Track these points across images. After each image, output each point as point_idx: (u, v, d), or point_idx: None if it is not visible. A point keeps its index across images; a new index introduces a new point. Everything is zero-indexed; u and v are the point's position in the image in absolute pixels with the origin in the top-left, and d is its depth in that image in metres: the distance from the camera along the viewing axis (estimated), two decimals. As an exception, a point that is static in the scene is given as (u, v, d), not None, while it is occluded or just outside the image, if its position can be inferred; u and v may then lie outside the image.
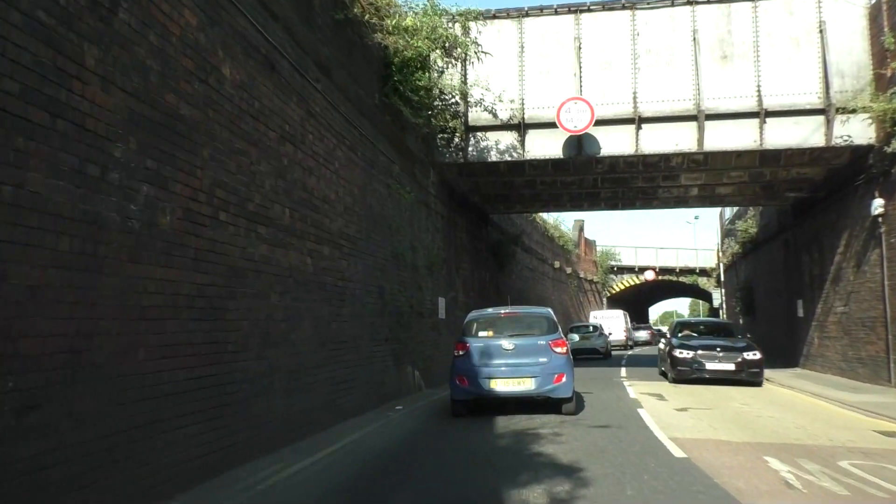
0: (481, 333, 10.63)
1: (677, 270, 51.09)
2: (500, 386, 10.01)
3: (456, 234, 18.32)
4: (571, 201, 20.79)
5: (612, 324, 34.22)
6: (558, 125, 14.74)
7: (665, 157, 16.57)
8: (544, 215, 35.04)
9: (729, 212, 35.71)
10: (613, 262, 50.22)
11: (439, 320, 16.18)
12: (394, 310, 12.57)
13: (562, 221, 39.30)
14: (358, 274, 10.73)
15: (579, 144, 15.30)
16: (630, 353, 34.98)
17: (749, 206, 23.31)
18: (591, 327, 28.19)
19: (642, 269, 50.65)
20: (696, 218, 59.90)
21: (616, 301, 54.88)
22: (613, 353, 30.25)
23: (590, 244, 48.34)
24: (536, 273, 31.32)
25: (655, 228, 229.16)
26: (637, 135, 15.20)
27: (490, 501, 5.60)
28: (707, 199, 20.77)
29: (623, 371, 19.92)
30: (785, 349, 22.40)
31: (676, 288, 57.54)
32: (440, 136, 15.79)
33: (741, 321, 30.92)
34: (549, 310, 11.78)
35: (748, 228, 26.96)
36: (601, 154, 15.38)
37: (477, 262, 20.70)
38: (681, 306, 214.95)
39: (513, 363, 10.05)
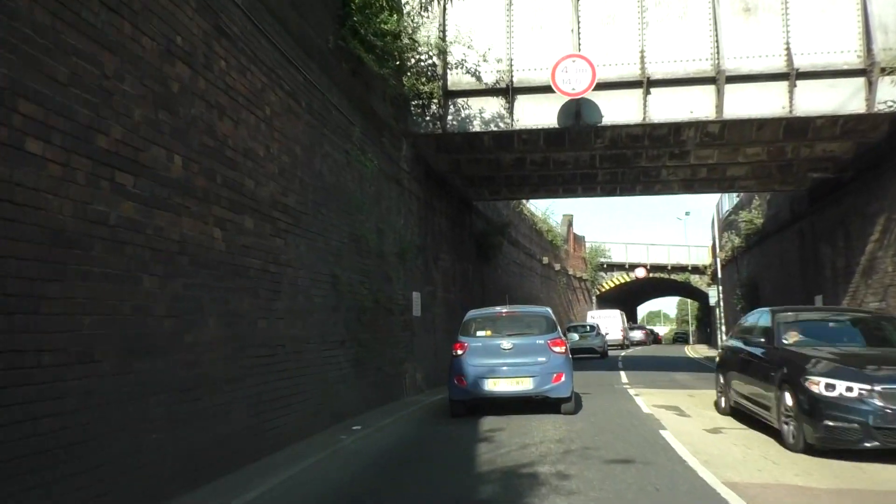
0: (479, 333, 10.45)
1: (669, 268, 48.98)
2: (499, 386, 9.86)
3: (434, 219, 15.91)
4: (565, 185, 18.43)
5: (609, 323, 34.56)
6: (553, 87, 12.37)
7: (675, 129, 14.28)
8: (532, 208, 32.75)
9: (727, 203, 33.60)
10: (603, 259, 48.02)
11: (413, 318, 13.77)
12: (353, 305, 10.15)
13: (551, 214, 37.03)
14: (302, 258, 8.30)
15: (577, 112, 12.94)
16: (625, 353, 33.83)
17: (758, 193, 21.09)
18: (588, 327, 28.30)
19: (633, 267, 48.49)
20: (688, 214, 57.78)
21: (605, 300, 52.71)
22: (610, 352, 29.98)
23: (579, 240, 46.10)
24: (524, 268, 28.99)
25: (645, 225, 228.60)
26: (645, 100, 12.86)
27: None
28: (715, 182, 18.51)
29: (623, 376, 17.60)
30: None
31: (668, 286, 55.47)
32: (414, 102, 13.38)
33: (742, 320, 28.78)
34: (549, 309, 11.50)
35: (753, 219, 24.77)
36: (603, 123, 13.03)
37: (459, 253, 18.30)
38: (666, 306, 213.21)
39: (511, 363, 9.87)
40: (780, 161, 16.05)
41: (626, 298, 63.49)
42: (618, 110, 13.00)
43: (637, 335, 42.69)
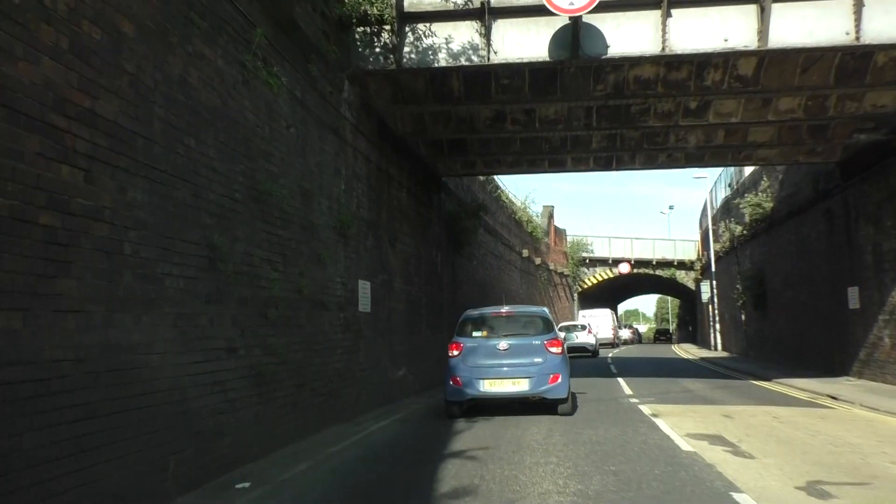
0: (475, 333, 10.23)
1: (654, 263, 46.06)
2: (495, 387, 9.72)
3: (392, 191, 12.54)
4: (552, 155, 15.12)
5: (600, 322, 35.90)
6: (545, 3, 9.05)
7: (698, 71, 11.11)
8: (511, 196, 29.50)
9: (723, 191, 30.68)
10: (585, 254, 44.93)
11: (360, 316, 10.39)
12: (253, 295, 6.75)
13: (531, 202, 33.78)
14: (137, 210, 4.88)
15: (575, 40, 9.65)
16: (613, 353, 31.78)
17: (778, 165, 17.92)
18: (580, 326, 28.81)
19: (616, 262, 45.50)
20: (671, 208, 54.66)
21: (588, 297, 49.71)
22: (601, 351, 30.52)
23: (560, 233, 42.96)
24: (502, 261, 25.72)
25: (627, 220, 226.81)
26: (664, 26, 9.60)
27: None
28: (731, 151, 15.34)
29: (624, 385, 14.38)
30: (820, 352, 17.17)
31: (652, 282, 52.60)
32: (360, 29, 10.01)
33: (742, 317, 25.80)
34: (545, 309, 11.55)
35: (761, 203, 21.72)
36: (608, 54, 9.75)
37: (425, 237, 14.94)
38: (644, 304, 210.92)
39: (507, 363, 9.73)
40: (817, 119, 12.91)
41: (609, 296, 60.60)
42: (628, 39, 9.73)
43: (625, 334, 43.12)
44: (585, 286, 46.26)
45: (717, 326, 31.14)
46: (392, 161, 12.67)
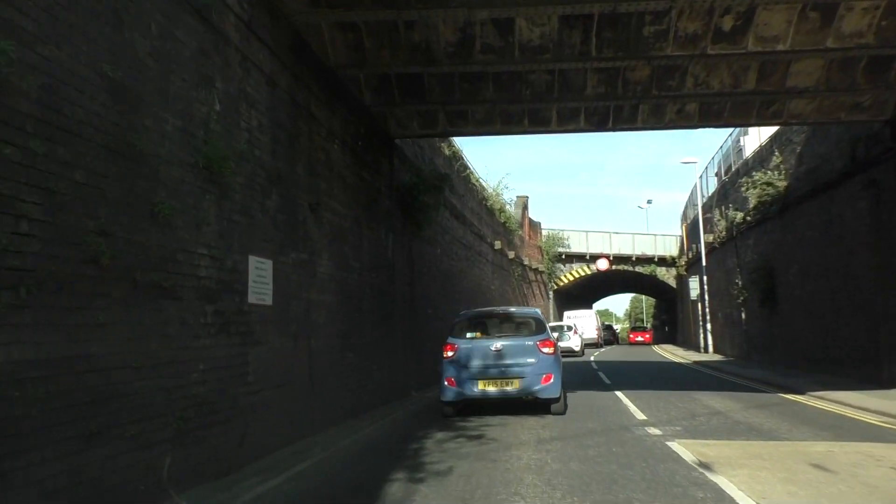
0: (469, 334, 10.27)
1: (633, 259, 42.98)
2: (489, 387, 9.74)
3: (315, 138, 8.92)
4: (534, 103, 11.60)
5: (585, 323, 36.72)
6: None
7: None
8: (483, 181, 25.99)
9: (712, 181, 27.64)
10: (561, 249, 41.58)
11: (252, 310, 6.77)
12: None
13: (504, 189, 30.24)
14: None
15: None
16: (597, 355, 29.69)
17: (814, 122, 14.41)
18: (565, 327, 28.68)
19: (594, 257, 42.29)
20: (650, 202, 51.11)
21: (564, 295, 46.54)
22: (585, 352, 30.91)
23: (534, 226, 39.53)
24: (472, 252, 22.20)
25: (604, 216, 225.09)
26: None
27: None
28: (758, 103, 12.01)
29: (629, 403, 11.00)
30: (858, 356, 13.93)
31: (631, 280, 49.51)
32: None
33: (743, 316, 22.65)
34: (538, 310, 11.69)
35: (772, 181, 18.54)
36: None
37: (371, 211, 11.35)
38: (616, 304, 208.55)
39: (501, 364, 9.72)
40: (889, 47, 9.61)
41: (586, 294, 57.57)
42: None
43: (607, 335, 41.06)
44: (561, 283, 42.98)
45: (709, 326, 28.03)
46: (320, 100, 9.08)
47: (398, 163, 13.36)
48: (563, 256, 42.05)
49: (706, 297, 28.14)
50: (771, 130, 19.77)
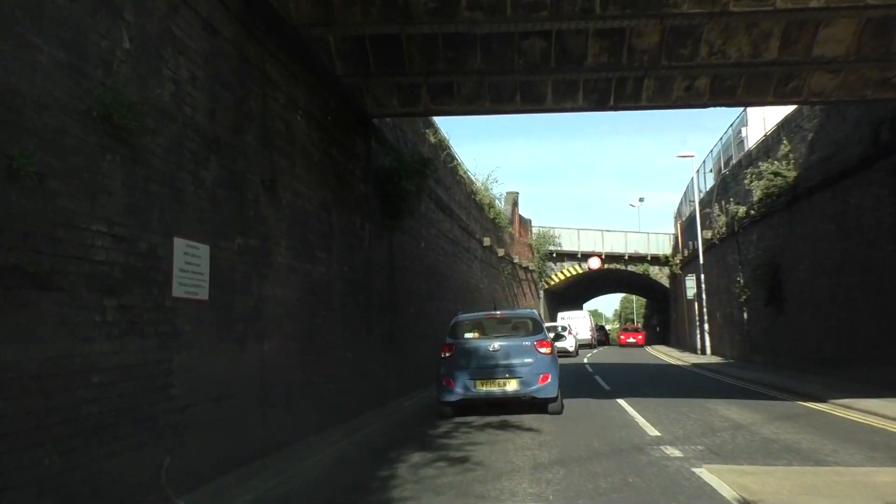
0: (467, 335, 10.39)
1: (626, 258, 41.78)
2: (486, 387, 9.77)
3: (271, 104, 7.53)
4: (527, 75, 10.20)
5: (579, 324, 36.93)
6: None
7: None
8: (471, 173, 24.65)
9: (707, 179, 26.51)
10: (552, 247, 40.31)
11: (180, 307, 5.36)
12: None
13: (493, 183, 28.93)
14: None
15: None
16: (589, 357, 28.64)
17: (837, 100, 13.00)
18: (560, 328, 27.75)
19: (586, 256, 41.05)
20: (641, 200, 49.75)
21: (555, 295, 45.33)
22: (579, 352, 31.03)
23: (525, 224, 38.22)
24: (459, 247, 20.85)
25: (594, 215, 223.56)
26: None
27: None
28: (776, 77, 10.73)
29: (635, 414, 9.70)
30: (883, 358, 12.67)
31: (622, 279, 48.31)
32: None
33: (745, 315, 21.44)
34: (535, 311, 12.08)
35: (780, 171, 17.32)
36: None
37: (342, 195, 9.97)
38: (605, 305, 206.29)
39: (498, 364, 9.78)
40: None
41: (577, 294, 56.42)
42: None
43: (599, 335, 43.18)
44: (552, 283, 41.72)
45: (706, 326, 26.83)
46: (278, 60, 7.70)
47: (377, 145, 11.98)
48: (554, 255, 40.80)
49: (703, 296, 26.97)
50: (777, 118, 18.56)
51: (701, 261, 27.06)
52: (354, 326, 10.15)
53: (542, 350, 9.79)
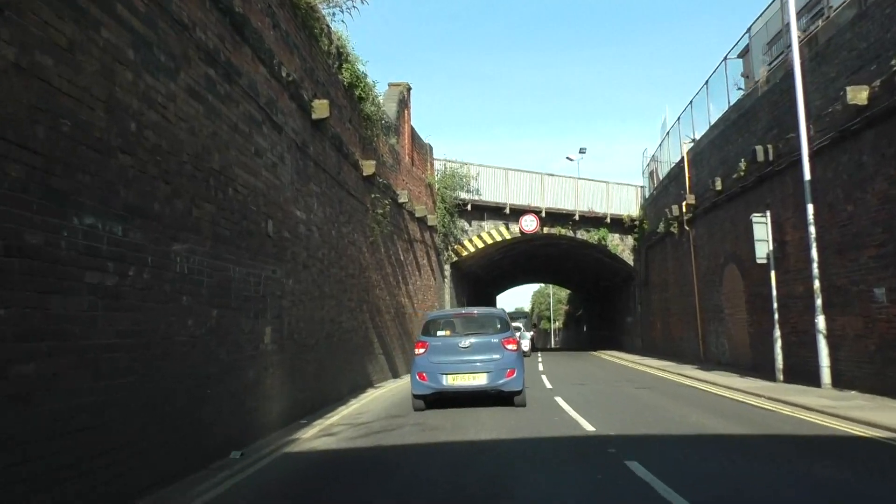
0: (439, 333, 12.69)
1: (576, 218, 30.84)
2: (457, 381, 11.93)
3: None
4: None
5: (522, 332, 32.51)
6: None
7: None
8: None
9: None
10: (466, 195, 28.60)
11: None
12: None
13: (364, 62, 16.73)
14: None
15: None
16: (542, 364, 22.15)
17: None
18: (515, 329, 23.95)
19: (517, 212, 29.75)
20: (583, 151, 39.15)
21: (465, 274, 33.87)
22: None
23: (422, 148, 26.13)
24: (252, 122, 8.73)
25: (532, 157, 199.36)
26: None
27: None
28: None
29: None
30: None
31: (572, 250, 36.69)
32: None
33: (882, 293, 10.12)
34: (504, 310, 14.96)
35: None
36: None
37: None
38: (518, 298, 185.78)
39: (468, 360, 12.03)
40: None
41: (491, 277, 45.03)
42: None
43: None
44: (465, 253, 30.00)
45: (821, 318, 14.93)
46: None
47: None
48: (469, 207, 29.19)
49: (813, 249, 15.07)
50: None
51: (807, 173, 15.14)
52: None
53: (509, 347, 12.11)
